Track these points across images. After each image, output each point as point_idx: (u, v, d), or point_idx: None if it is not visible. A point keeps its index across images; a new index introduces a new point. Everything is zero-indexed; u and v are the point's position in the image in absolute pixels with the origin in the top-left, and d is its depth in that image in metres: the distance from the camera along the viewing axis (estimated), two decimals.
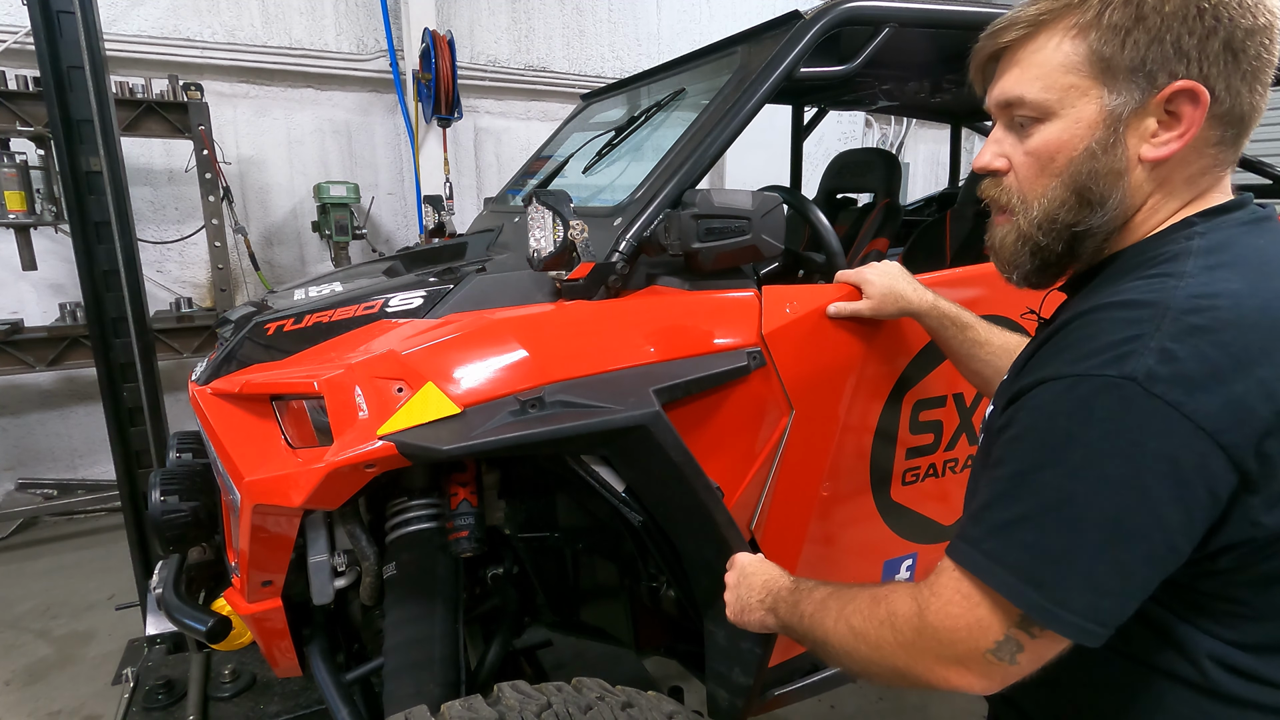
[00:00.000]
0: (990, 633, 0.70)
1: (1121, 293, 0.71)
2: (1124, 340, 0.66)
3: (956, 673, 0.74)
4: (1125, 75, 0.71)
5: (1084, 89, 0.73)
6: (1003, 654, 0.70)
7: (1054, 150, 0.76)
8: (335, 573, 1.31)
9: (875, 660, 0.80)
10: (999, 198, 0.83)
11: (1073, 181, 0.76)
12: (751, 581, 1.04)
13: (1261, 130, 2.51)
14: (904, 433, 1.53)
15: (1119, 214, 0.76)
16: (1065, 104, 0.74)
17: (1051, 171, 0.77)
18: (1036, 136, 0.77)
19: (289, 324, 1.35)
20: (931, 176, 6.43)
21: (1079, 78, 0.73)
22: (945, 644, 0.73)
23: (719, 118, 1.40)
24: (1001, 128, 0.82)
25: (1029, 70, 0.76)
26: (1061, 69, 0.74)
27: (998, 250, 0.85)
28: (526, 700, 1.03)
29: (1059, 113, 0.75)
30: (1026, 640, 0.69)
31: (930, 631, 0.74)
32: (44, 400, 3.79)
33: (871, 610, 0.81)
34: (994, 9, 1.54)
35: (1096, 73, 0.72)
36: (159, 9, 3.72)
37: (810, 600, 0.92)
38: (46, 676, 2.53)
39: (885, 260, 1.42)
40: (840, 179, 2.70)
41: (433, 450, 1.03)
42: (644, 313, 1.30)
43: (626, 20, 4.99)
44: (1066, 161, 0.75)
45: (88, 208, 2.16)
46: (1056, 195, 0.77)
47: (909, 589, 0.79)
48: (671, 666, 1.74)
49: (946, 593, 0.74)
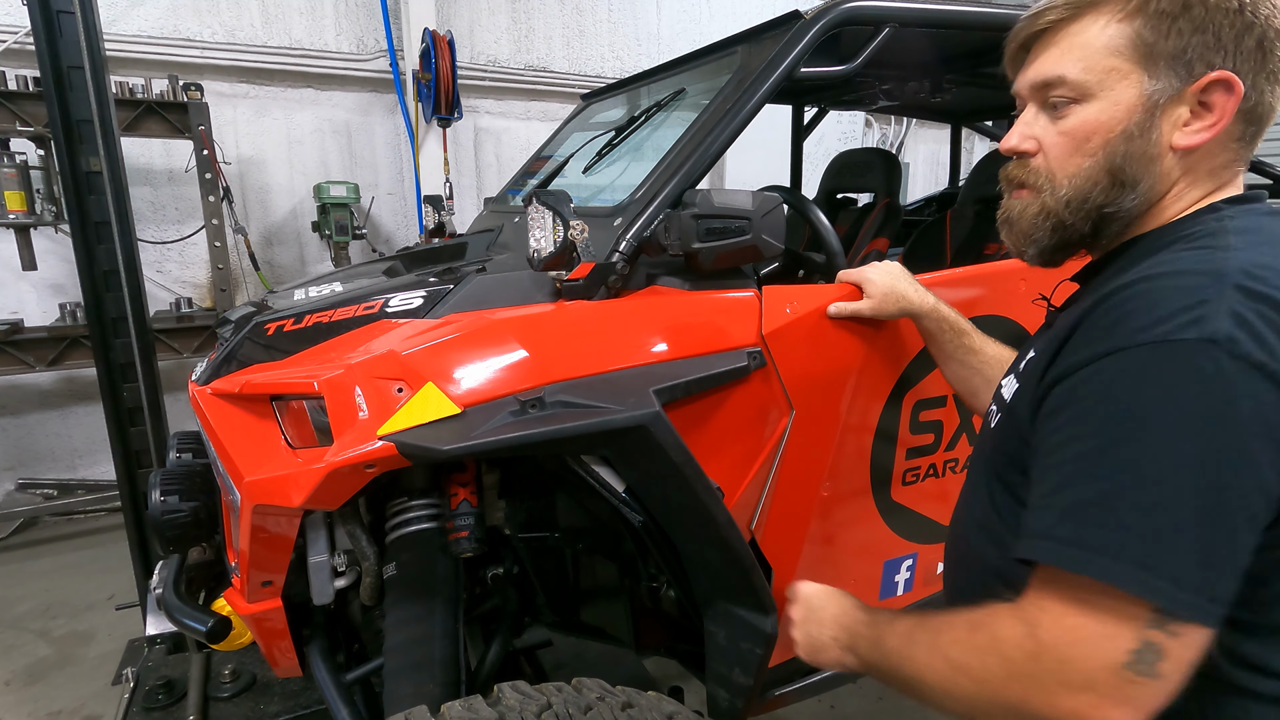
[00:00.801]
0: (1121, 640, 0.61)
1: (1164, 264, 0.71)
2: (1192, 305, 0.64)
3: (1088, 701, 0.62)
4: (1166, 62, 0.73)
5: (1125, 72, 0.75)
6: (1142, 665, 0.60)
7: (1090, 131, 0.77)
8: (335, 573, 1.31)
9: (984, 696, 0.70)
10: (1025, 178, 0.83)
11: (1107, 162, 0.77)
12: (821, 617, 0.97)
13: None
14: (904, 433, 1.53)
15: (1147, 198, 0.78)
16: (1105, 86, 0.75)
17: (1086, 152, 0.78)
18: (1073, 117, 0.78)
19: (289, 324, 1.35)
20: (931, 176, 6.43)
21: (1121, 61, 0.74)
22: (1069, 664, 0.63)
23: (719, 118, 1.40)
24: (1032, 110, 0.83)
25: (1070, 51, 0.78)
26: (1105, 51, 0.75)
27: (1014, 222, 0.85)
28: (526, 700, 1.03)
29: (1098, 94, 0.76)
30: (1166, 641, 0.60)
31: (1049, 652, 0.64)
32: (44, 400, 3.79)
33: (970, 639, 0.72)
34: (994, 9, 1.54)
35: (1139, 57, 0.74)
36: (159, 9, 3.72)
37: (894, 634, 0.83)
38: (46, 676, 2.53)
39: (886, 260, 1.42)
40: (840, 179, 2.70)
41: (432, 450, 1.03)
42: (644, 313, 1.30)
43: (626, 20, 4.99)
44: (1102, 143, 0.77)
45: (88, 208, 2.16)
46: (1090, 175, 0.78)
47: (1009, 610, 0.70)
48: (671, 666, 1.74)
49: (1057, 603, 0.65)
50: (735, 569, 1.28)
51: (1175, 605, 0.60)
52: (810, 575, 1.49)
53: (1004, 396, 0.89)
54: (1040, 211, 0.82)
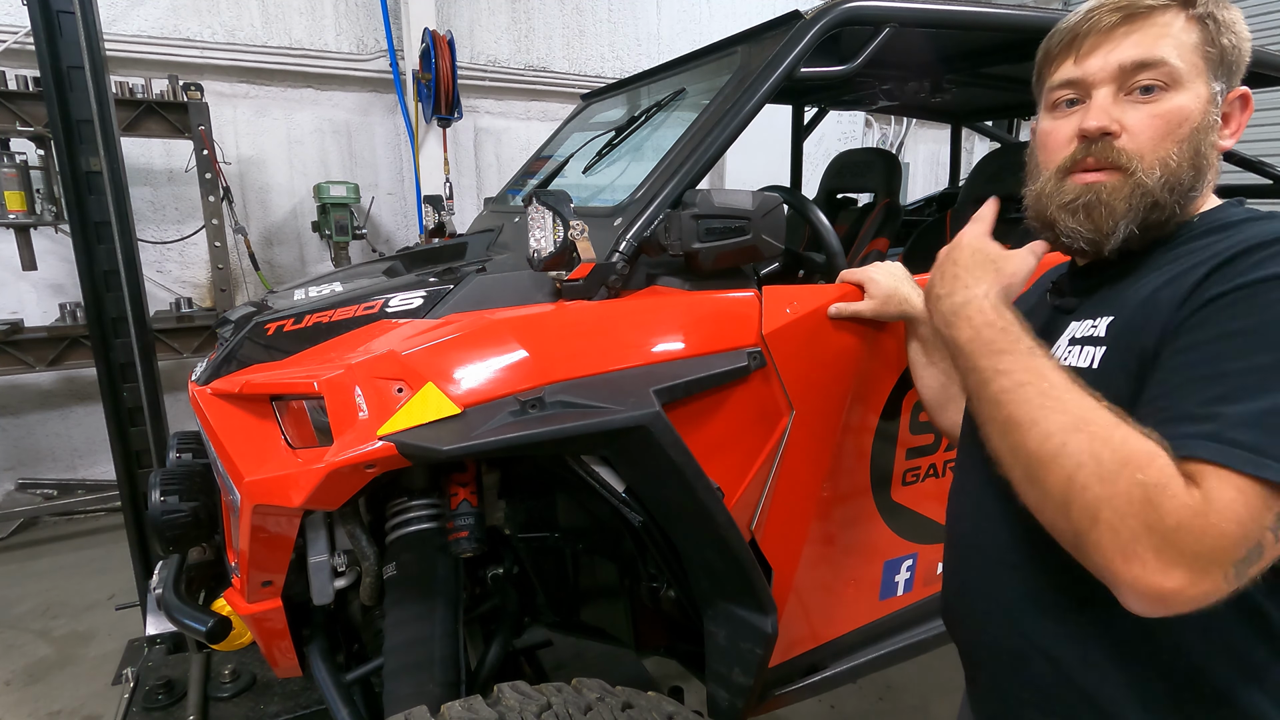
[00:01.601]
0: (1250, 535, 0.61)
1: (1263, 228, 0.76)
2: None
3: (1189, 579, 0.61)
4: (1222, 68, 0.83)
5: (1200, 69, 0.82)
6: (1244, 566, 0.61)
7: (1183, 116, 0.82)
8: (335, 573, 1.31)
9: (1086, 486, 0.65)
10: (1115, 159, 0.84)
11: (1192, 149, 0.82)
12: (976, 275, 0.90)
13: (1261, 130, 2.58)
14: (904, 433, 1.53)
15: (1205, 188, 0.85)
16: (1191, 77, 0.82)
17: (1177, 137, 0.82)
18: (1167, 102, 0.82)
19: (289, 324, 1.35)
20: (931, 176, 6.43)
21: (1198, 58, 0.82)
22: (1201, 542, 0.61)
23: (719, 118, 1.40)
24: (1108, 93, 0.85)
25: (1163, 38, 0.82)
26: (1188, 47, 0.82)
27: (1103, 203, 0.84)
28: (526, 701, 1.03)
29: (1186, 84, 0.82)
30: (1271, 544, 0.62)
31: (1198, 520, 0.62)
32: (44, 400, 3.79)
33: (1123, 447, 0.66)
34: (994, 9, 1.54)
35: (1205, 57, 0.82)
36: (159, 9, 3.72)
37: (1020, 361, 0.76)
38: (46, 676, 2.53)
39: (887, 261, 1.42)
40: (840, 179, 2.70)
41: (432, 450, 1.03)
42: (644, 313, 1.30)
43: (626, 20, 4.99)
44: (1190, 130, 0.82)
45: (88, 208, 2.16)
46: (1181, 159, 0.82)
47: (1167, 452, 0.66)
48: (671, 666, 1.74)
49: (1226, 492, 0.62)
50: (735, 569, 1.28)
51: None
52: (810, 575, 1.49)
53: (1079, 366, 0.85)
54: (1134, 190, 0.83)
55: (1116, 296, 0.85)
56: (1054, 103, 0.90)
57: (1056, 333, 0.91)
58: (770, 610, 1.32)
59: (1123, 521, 0.64)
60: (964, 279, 0.90)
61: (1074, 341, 0.87)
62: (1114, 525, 0.64)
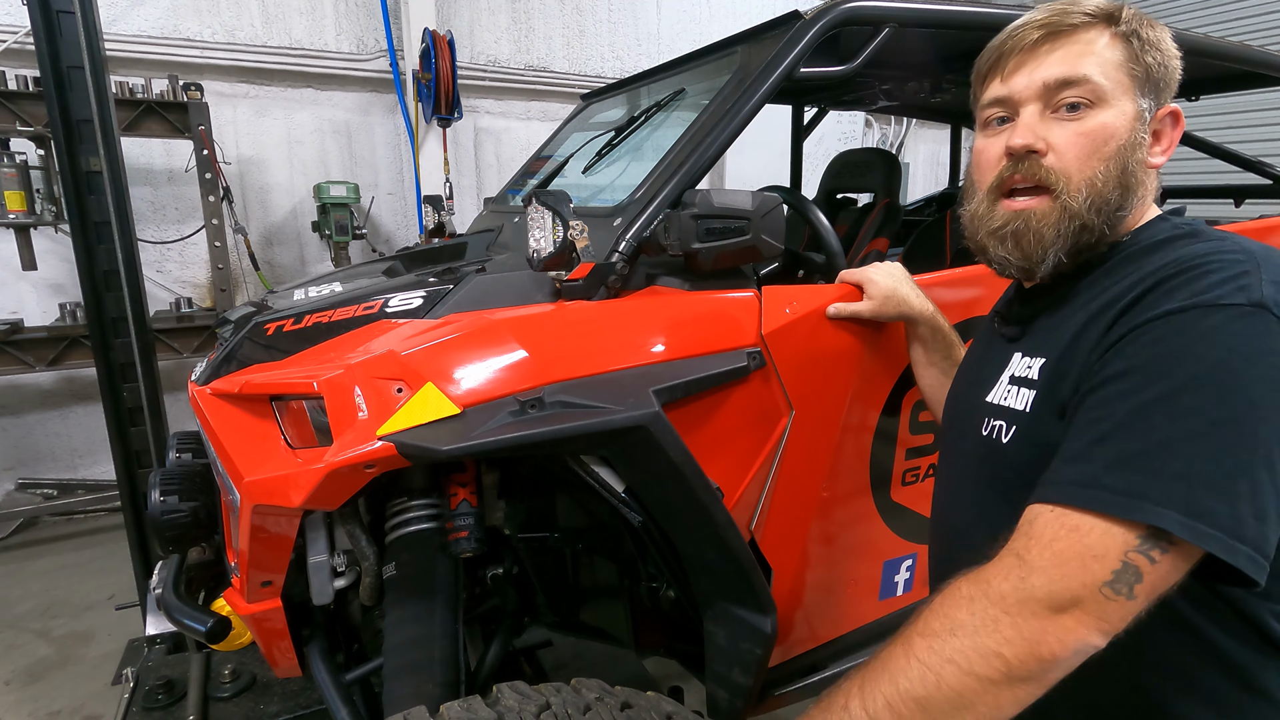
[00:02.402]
0: (1107, 561, 0.65)
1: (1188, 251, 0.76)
2: (1236, 276, 0.69)
3: (1075, 620, 0.65)
4: (1149, 85, 0.82)
5: (1126, 86, 0.82)
6: (1120, 586, 0.64)
7: (1108, 134, 0.82)
8: (335, 573, 1.31)
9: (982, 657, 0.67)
10: (1042, 178, 0.84)
11: (1119, 167, 0.82)
12: None
13: (1261, 130, 2.57)
14: (904, 433, 1.53)
15: (1136, 207, 0.85)
16: (1115, 95, 0.82)
17: (1103, 155, 0.82)
18: (1092, 119, 0.82)
19: (289, 324, 1.35)
20: (931, 176, 6.43)
21: (1123, 75, 0.82)
22: (1057, 585, 0.65)
23: (719, 118, 1.40)
24: (1037, 112, 0.85)
25: (1085, 56, 0.82)
26: (1112, 64, 0.82)
27: (1030, 230, 0.85)
28: (525, 701, 1.03)
29: (1110, 101, 0.82)
30: (1147, 566, 0.64)
31: (1038, 575, 0.66)
32: (44, 400, 3.79)
33: (949, 604, 0.71)
34: (994, 9, 1.54)
35: (1131, 75, 0.82)
36: (159, 9, 3.72)
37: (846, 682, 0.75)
38: (46, 676, 2.53)
39: (887, 261, 1.42)
40: (840, 179, 2.70)
41: (432, 451, 1.03)
42: (644, 313, 1.30)
43: (626, 20, 4.99)
44: (1117, 148, 0.81)
45: (88, 208, 2.16)
46: (1107, 179, 0.82)
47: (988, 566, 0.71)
48: (671, 666, 1.73)
49: (1047, 531, 0.68)
50: (735, 569, 1.28)
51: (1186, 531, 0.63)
52: (810, 575, 1.49)
53: (1010, 408, 0.88)
54: (1063, 216, 0.83)
55: (1051, 332, 0.86)
56: (986, 121, 0.91)
57: (1002, 363, 0.93)
58: (770, 610, 1.32)
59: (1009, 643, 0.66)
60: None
61: (1013, 380, 0.89)
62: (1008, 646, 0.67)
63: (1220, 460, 0.64)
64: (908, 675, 0.69)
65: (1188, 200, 2.67)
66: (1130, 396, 0.69)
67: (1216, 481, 0.64)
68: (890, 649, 0.72)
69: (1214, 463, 0.64)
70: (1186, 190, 2.74)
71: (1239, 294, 0.68)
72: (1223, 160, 2.41)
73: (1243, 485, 0.63)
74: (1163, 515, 0.64)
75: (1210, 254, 0.73)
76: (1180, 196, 2.70)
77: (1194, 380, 0.66)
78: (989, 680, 0.66)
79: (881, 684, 0.70)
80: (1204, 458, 0.64)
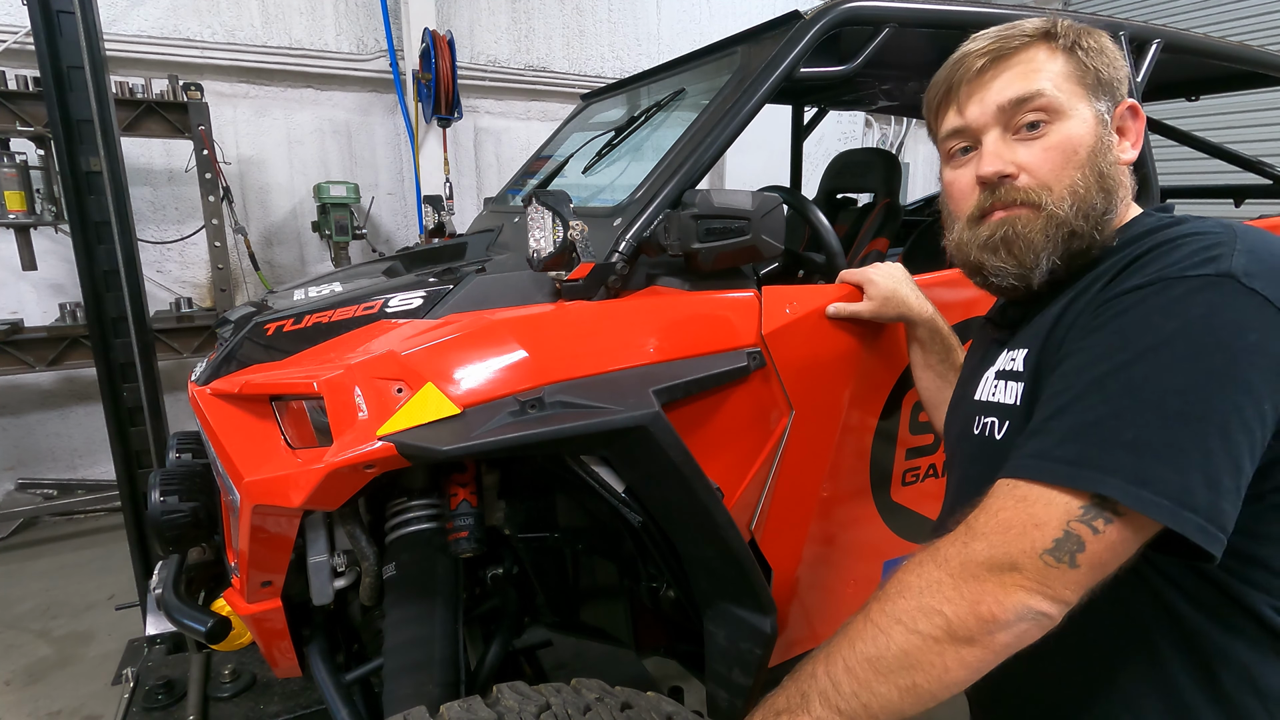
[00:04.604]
0: (1048, 529, 0.65)
1: (1167, 236, 0.76)
2: (1208, 247, 0.70)
3: (1013, 581, 0.65)
4: (1101, 89, 0.84)
5: (1080, 95, 0.84)
6: (1060, 553, 0.65)
7: (1075, 143, 0.83)
8: (335, 573, 1.31)
9: (925, 614, 0.68)
10: (1020, 197, 0.85)
11: (1094, 171, 0.83)
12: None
13: (1261, 130, 2.58)
14: (904, 433, 1.53)
15: (1119, 206, 0.85)
16: (1071, 104, 0.83)
17: (1077, 163, 0.83)
18: (1056, 133, 0.83)
19: (289, 324, 1.34)
20: (931, 176, 6.43)
21: (1074, 85, 0.84)
22: (996, 550, 0.67)
23: (719, 118, 1.40)
24: (998, 136, 0.86)
25: (1031, 73, 0.84)
26: (1061, 75, 0.84)
27: (1020, 237, 0.84)
28: (525, 701, 1.03)
29: (1069, 112, 0.83)
30: (1089, 536, 0.64)
31: (980, 540, 0.68)
32: (44, 400, 3.79)
33: (903, 571, 0.74)
34: (994, 9, 1.54)
35: (1082, 82, 0.84)
36: (159, 9, 3.72)
37: (820, 649, 0.77)
38: (46, 676, 2.53)
39: (887, 261, 1.42)
40: (840, 179, 2.70)
41: (432, 451, 1.03)
42: (644, 313, 1.30)
43: (626, 20, 4.99)
44: (1088, 154, 0.83)
45: (88, 208, 2.16)
46: (1087, 184, 0.83)
47: (943, 537, 0.74)
48: (671, 666, 1.74)
49: (995, 502, 0.70)
50: (735, 569, 1.28)
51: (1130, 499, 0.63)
52: (810, 575, 1.49)
53: (1000, 403, 0.89)
54: (1049, 222, 0.83)
55: (1034, 325, 0.87)
56: (949, 153, 0.93)
57: (989, 362, 0.94)
58: (770, 610, 1.32)
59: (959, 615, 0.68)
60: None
61: (999, 375, 0.90)
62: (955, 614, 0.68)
63: (1171, 429, 0.63)
64: (863, 638, 0.72)
65: (1188, 200, 2.67)
66: (1089, 369, 0.70)
67: (1165, 449, 0.63)
68: (853, 617, 0.76)
69: (1164, 431, 0.64)
70: (1186, 190, 2.74)
71: (1206, 265, 0.68)
72: (1223, 160, 2.41)
73: (1193, 454, 0.63)
74: (1106, 482, 0.64)
75: (1186, 232, 0.74)
76: (1180, 196, 2.70)
77: (1151, 350, 0.66)
78: (932, 638, 0.68)
79: (842, 649, 0.73)
80: (1155, 427, 0.64)
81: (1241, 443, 0.63)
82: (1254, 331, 0.64)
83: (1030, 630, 0.67)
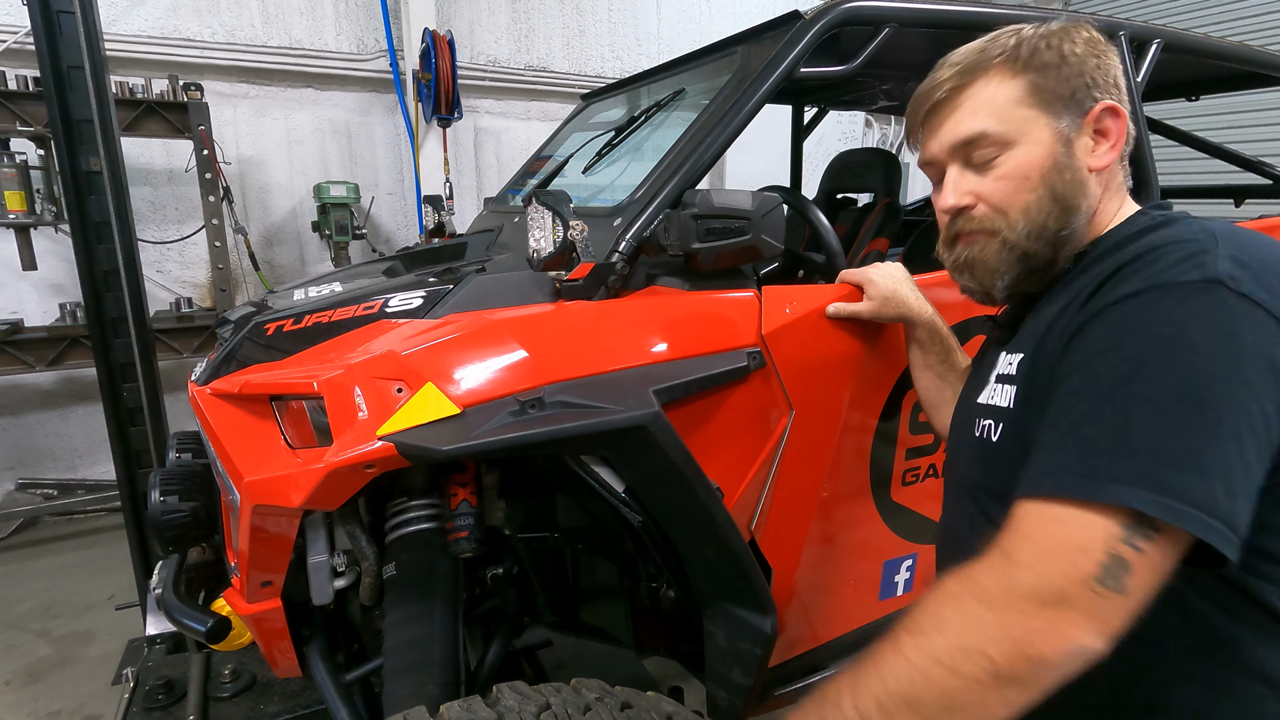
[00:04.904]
0: (1092, 553, 0.63)
1: (1149, 241, 0.77)
2: (1192, 255, 0.70)
3: (1064, 619, 0.62)
4: (1062, 102, 0.85)
5: (1033, 118, 0.85)
6: (1109, 580, 0.62)
7: (1026, 170, 0.86)
8: (335, 573, 1.31)
9: (968, 656, 0.65)
10: (976, 226, 0.90)
11: (1050, 191, 0.85)
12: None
13: (1261, 130, 2.58)
14: (904, 433, 1.53)
15: (1088, 216, 0.87)
16: (1022, 132, 0.86)
17: (1029, 187, 0.86)
18: (1006, 164, 0.87)
19: (289, 324, 1.34)
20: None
21: (1026, 109, 0.85)
22: (1043, 580, 0.64)
23: (719, 118, 1.40)
24: (956, 170, 0.91)
25: (977, 111, 0.87)
26: (1009, 103, 0.86)
27: (977, 261, 0.91)
28: (525, 701, 1.03)
29: (1018, 140, 0.86)
30: (1134, 556, 0.62)
31: (1023, 570, 0.65)
32: (44, 400, 3.79)
33: (937, 601, 0.69)
34: (994, 9, 1.54)
35: (1038, 103, 0.85)
36: (159, 9, 3.72)
37: (841, 677, 0.73)
38: (46, 676, 2.53)
39: (888, 261, 1.42)
40: (840, 179, 2.70)
41: (432, 451, 1.03)
42: (644, 313, 1.30)
43: (626, 20, 4.99)
44: (1041, 176, 0.85)
45: (88, 208, 2.16)
46: (1041, 205, 0.86)
47: (976, 563, 0.69)
48: (671, 666, 1.74)
49: (1028, 524, 0.68)
50: (735, 569, 1.28)
51: (1164, 512, 0.62)
52: (810, 575, 1.49)
53: (997, 406, 0.90)
54: (1002, 246, 0.89)
55: (1030, 329, 0.89)
56: (928, 176, 0.99)
57: (993, 365, 0.96)
58: (770, 610, 1.32)
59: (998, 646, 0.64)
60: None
61: (998, 379, 0.92)
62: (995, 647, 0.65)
63: (1187, 436, 0.64)
64: (895, 675, 0.68)
65: (1188, 200, 2.67)
66: (1096, 383, 0.70)
67: (1185, 457, 0.63)
68: (881, 646, 0.72)
69: (1181, 438, 0.64)
70: (1187, 190, 2.74)
71: (1194, 271, 0.68)
72: (1223, 160, 2.41)
73: (1212, 459, 0.63)
74: (1135, 495, 0.63)
75: (1170, 238, 0.75)
76: (1180, 196, 2.70)
77: (1154, 359, 0.67)
78: (975, 680, 0.64)
79: (872, 682, 0.69)
80: (1172, 434, 0.64)
81: (1250, 445, 0.64)
82: (1249, 334, 0.65)
83: (1079, 667, 0.65)
